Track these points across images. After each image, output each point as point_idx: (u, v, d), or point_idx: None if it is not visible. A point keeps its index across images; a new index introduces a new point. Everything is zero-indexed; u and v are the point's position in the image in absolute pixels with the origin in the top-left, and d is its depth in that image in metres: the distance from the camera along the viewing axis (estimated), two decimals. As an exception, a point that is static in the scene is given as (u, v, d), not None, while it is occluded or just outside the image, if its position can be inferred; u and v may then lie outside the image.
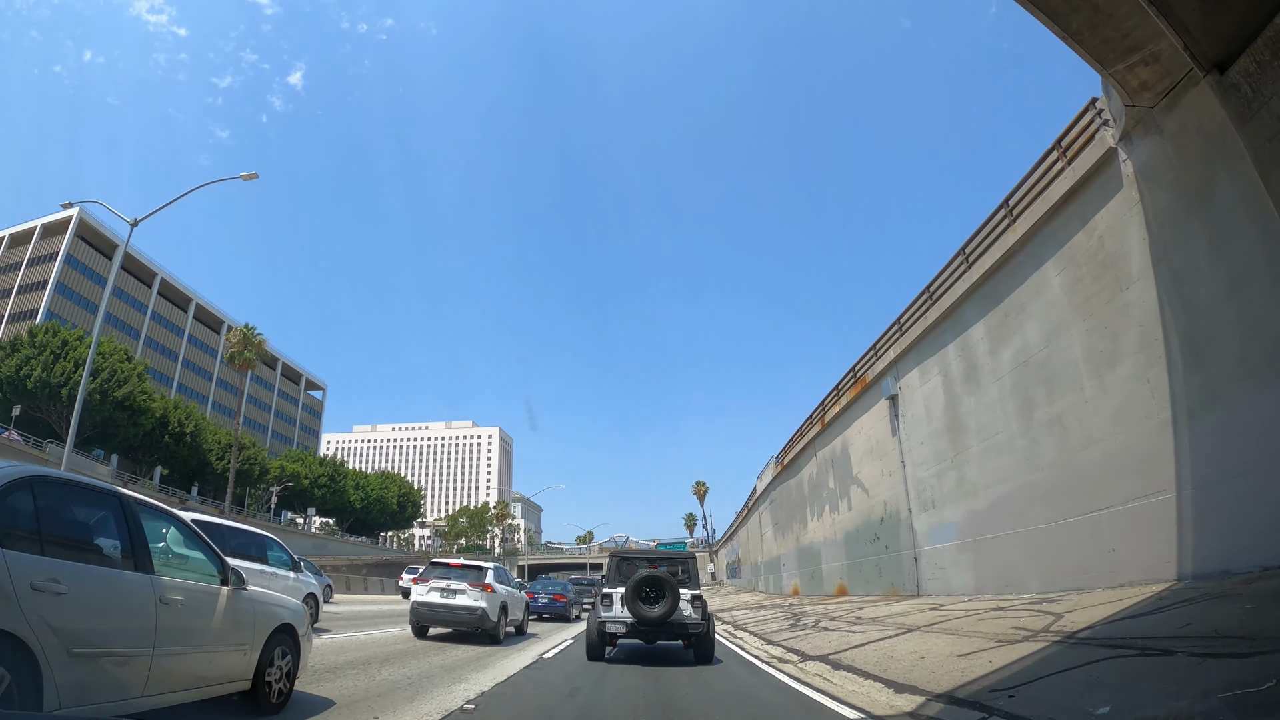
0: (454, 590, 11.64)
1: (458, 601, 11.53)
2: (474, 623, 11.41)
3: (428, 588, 11.83)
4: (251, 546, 11.03)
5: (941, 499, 14.58)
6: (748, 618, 18.35)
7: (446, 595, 11.62)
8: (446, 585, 11.70)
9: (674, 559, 10.87)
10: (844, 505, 20.65)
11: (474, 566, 12.43)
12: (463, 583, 11.73)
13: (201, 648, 4.02)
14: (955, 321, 14.18)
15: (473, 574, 12.06)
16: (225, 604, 4.32)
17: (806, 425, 24.99)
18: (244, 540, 10.90)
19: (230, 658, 4.31)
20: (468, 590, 11.60)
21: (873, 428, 18.40)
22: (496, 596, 11.90)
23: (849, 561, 20.14)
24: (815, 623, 12.63)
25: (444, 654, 9.61)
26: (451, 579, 11.82)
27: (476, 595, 11.53)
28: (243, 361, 43.54)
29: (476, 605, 11.41)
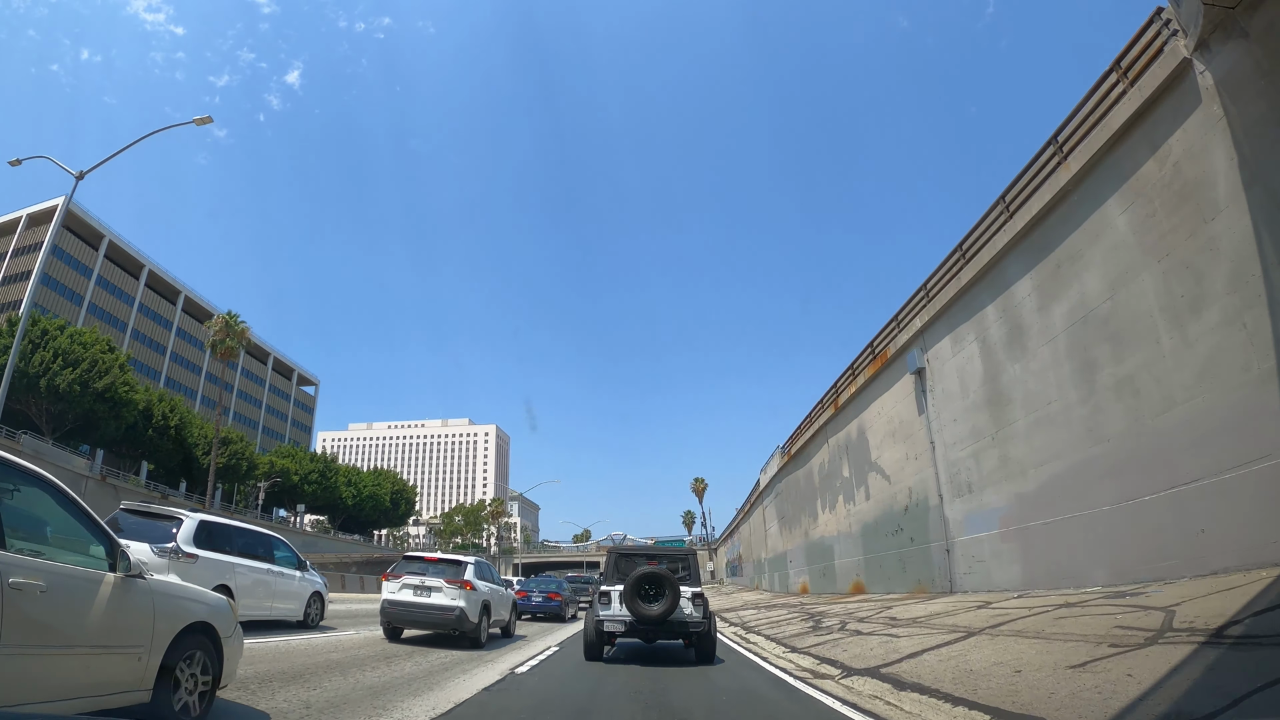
0: (428, 588, 10.39)
1: (433, 600, 10.29)
2: (451, 624, 10.19)
3: (399, 584, 10.56)
4: (259, 546, 11.08)
5: (980, 482, 12.89)
6: (758, 619, 16.62)
7: (420, 593, 10.39)
8: (420, 582, 10.46)
9: (674, 556, 10.43)
10: (860, 495, 18.94)
11: (451, 561, 11.24)
12: (438, 579, 10.48)
13: (73, 648, 3.29)
14: (995, 279, 12.55)
15: (450, 569, 10.82)
16: (111, 595, 3.54)
17: (816, 411, 23.28)
18: (251, 539, 10.99)
19: (116, 662, 3.53)
20: (444, 588, 10.35)
21: (894, 407, 16.69)
22: (477, 595, 10.65)
23: (866, 556, 18.42)
24: (841, 625, 10.92)
25: (412, 661, 8.31)
26: (426, 575, 10.59)
27: (454, 593, 10.29)
28: (225, 350, 41.78)
29: (453, 604, 10.17)
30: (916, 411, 15.56)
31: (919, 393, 15.39)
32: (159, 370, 72.94)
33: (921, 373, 15.28)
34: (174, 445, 56.89)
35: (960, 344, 13.78)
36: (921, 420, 15.30)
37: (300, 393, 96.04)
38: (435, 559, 11.47)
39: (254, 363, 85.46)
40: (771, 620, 14.97)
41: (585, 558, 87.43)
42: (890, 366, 16.88)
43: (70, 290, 65.75)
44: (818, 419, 22.91)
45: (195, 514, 9.95)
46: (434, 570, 10.78)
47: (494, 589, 11.95)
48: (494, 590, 11.91)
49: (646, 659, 9.37)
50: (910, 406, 15.86)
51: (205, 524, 9.80)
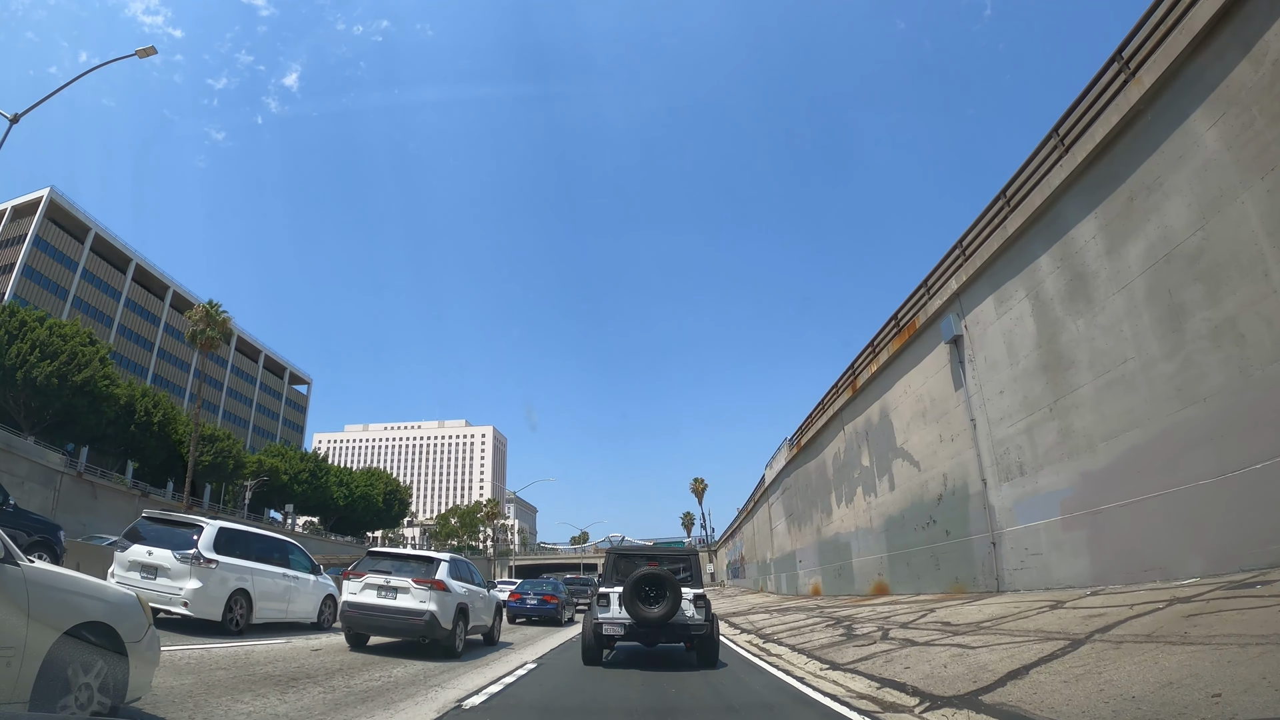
0: (394, 588, 9.15)
1: (399, 603, 9.06)
2: (420, 631, 8.97)
3: (361, 584, 9.32)
4: (275, 551, 11.19)
5: (1034, 462, 11.07)
6: (773, 624, 14.73)
7: (385, 594, 9.16)
8: (385, 581, 9.22)
9: (675, 556, 10.10)
10: (883, 485, 17.06)
11: (421, 558, 10.15)
12: (405, 578, 9.24)
13: None
14: (1049, 224, 10.92)
15: (419, 567, 9.62)
16: None
17: (830, 396, 21.42)
18: (267, 545, 11.16)
19: None
20: (412, 589, 9.10)
21: (925, 384, 14.84)
22: (451, 597, 9.40)
23: (890, 553, 16.54)
24: (882, 632, 9.04)
25: (363, 674, 7.12)
26: (392, 573, 9.36)
27: (423, 595, 9.06)
28: (205, 340, 39.92)
29: (422, 608, 8.96)
30: (952, 386, 13.72)
31: (955, 364, 13.55)
32: (146, 367, 71.07)
33: (958, 341, 13.45)
34: (158, 442, 55.02)
35: (1006, 303, 11.99)
36: (958, 396, 13.46)
37: (293, 392, 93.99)
38: (403, 555, 10.21)
39: (245, 360, 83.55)
40: (790, 626, 13.07)
41: (582, 559, 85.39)
42: (919, 338, 15.05)
43: (54, 284, 63.95)
44: (832, 404, 21.05)
45: (215, 521, 10.21)
46: (401, 568, 9.51)
47: (473, 590, 10.65)
48: (472, 592, 10.58)
49: (646, 665, 8.80)
50: (944, 381, 14.02)
51: (225, 530, 10.06)
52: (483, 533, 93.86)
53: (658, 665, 8.84)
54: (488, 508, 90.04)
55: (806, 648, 9.21)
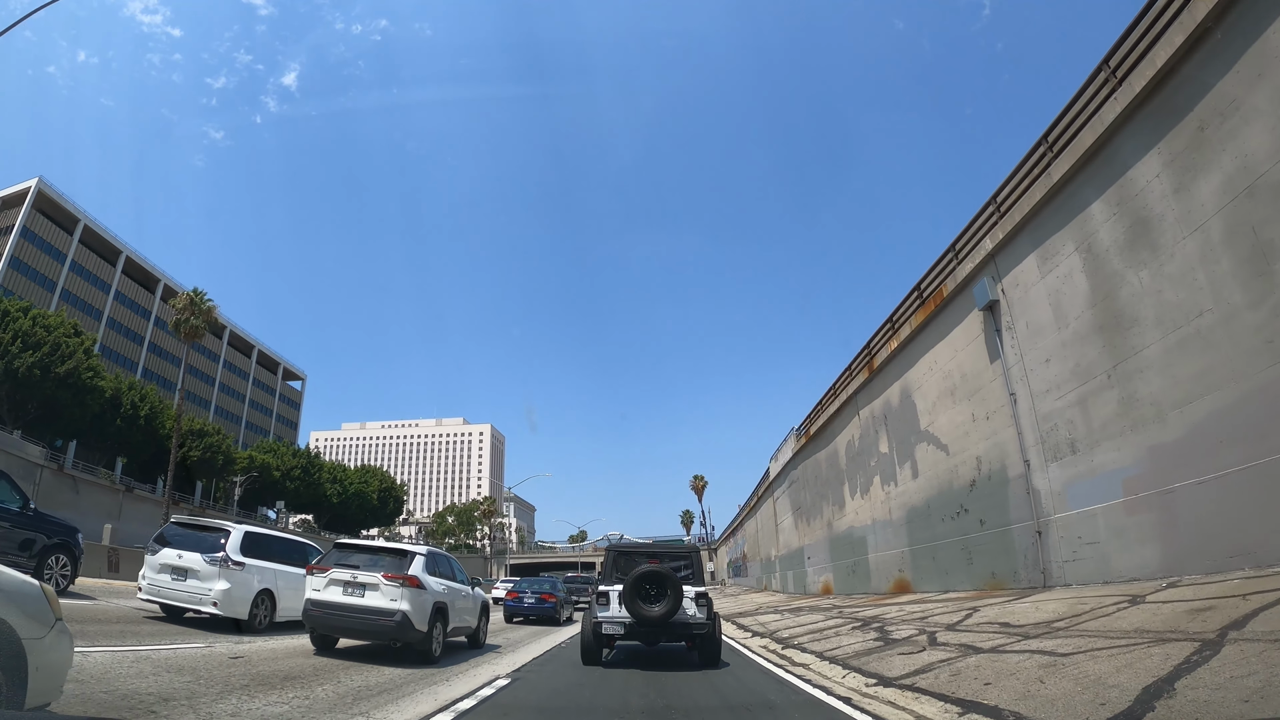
0: (361, 585, 8.19)
1: (367, 601, 8.11)
2: (390, 633, 8.02)
3: (326, 580, 8.33)
4: (295, 553, 11.29)
5: (1090, 437, 9.70)
6: (789, 626, 13.30)
7: (351, 592, 8.20)
8: (351, 577, 8.26)
9: (676, 553, 9.86)
10: (904, 473, 15.65)
11: (394, 551, 9.04)
12: (374, 574, 8.29)
13: None
14: (1102, 166, 9.72)
15: (391, 561, 8.63)
16: None
17: (843, 379, 20.00)
18: (289, 547, 11.42)
19: None
20: (382, 585, 8.14)
21: (954, 358, 13.43)
22: (425, 595, 8.40)
23: (913, 547, 15.11)
24: (927, 636, 7.62)
25: (311, 686, 5.96)
26: (360, 568, 8.41)
27: (394, 592, 8.10)
28: (189, 329, 38.46)
29: (393, 608, 7.99)
30: (987, 359, 12.31)
31: (990, 333, 12.14)
32: (136, 361, 69.65)
33: (994, 307, 12.05)
34: (145, 437, 53.57)
35: (1052, 260, 10.62)
36: (994, 369, 12.05)
37: (286, 388, 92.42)
38: (373, 547, 9.21)
39: (238, 355, 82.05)
40: (810, 629, 11.61)
41: (580, 558, 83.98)
42: (947, 308, 13.64)
43: (42, 275, 62.55)
44: (844, 388, 19.63)
45: (240, 526, 10.65)
46: (370, 562, 8.54)
47: (453, 588, 9.66)
48: (452, 590, 9.59)
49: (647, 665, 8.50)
50: (977, 353, 12.61)
51: (250, 534, 10.46)
52: (480, 531, 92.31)
53: (660, 666, 8.43)
54: (485, 505, 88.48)
55: (838, 656, 7.72)
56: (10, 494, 9.87)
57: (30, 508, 10.16)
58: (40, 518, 10.34)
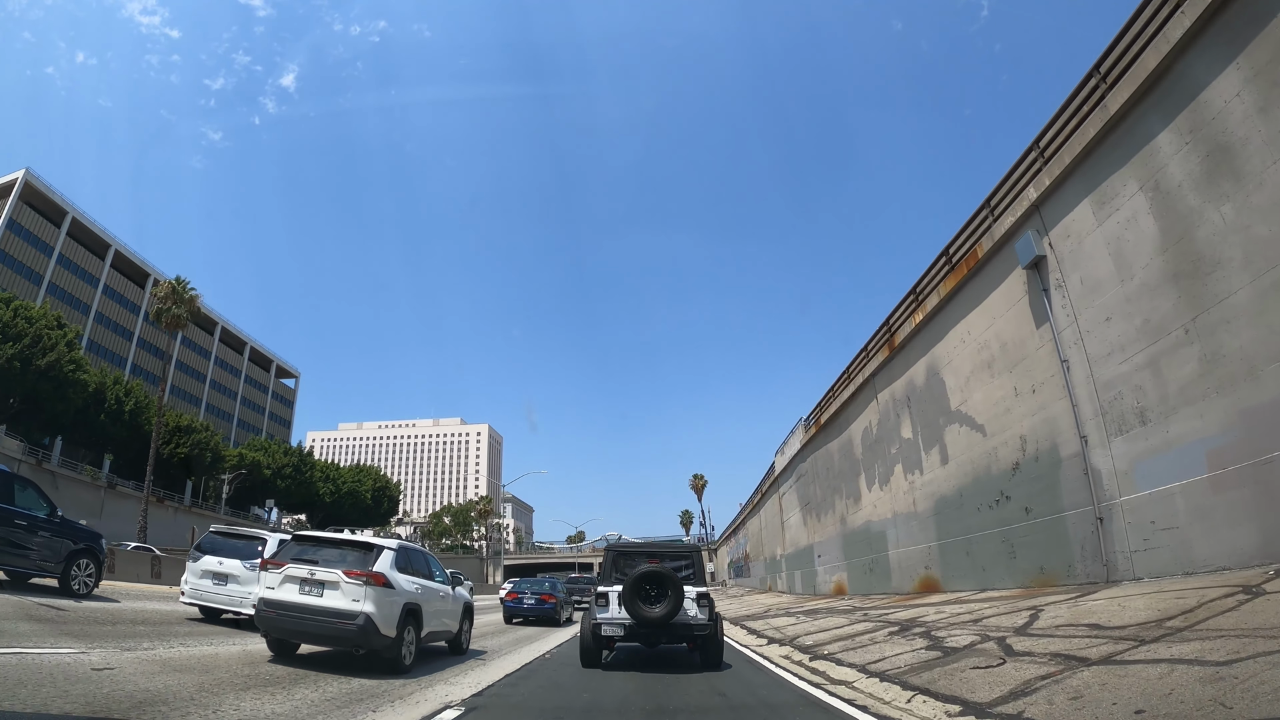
0: (320, 582, 7.15)
1: (325, 601, 7.04)
2: (352, 638, 6.93)
3: (280, 576, 7.30)
4: None
5: (1164, 404, 8.23)
6: (808, 631, 11.77)
7: (308, 591, 7.15)
8: (309, 574, 7.22)
9: (677, 553, 9.66)
10: (932, 459, 14.13)
11: (358, 544, 7.94)
12: (334, 570, 7.23)
13: None
14: (1168, 91, 8.43)
15: (354, 556, 7.58)
16: None
17: (858, 361, 18.48)
18: None
19: None
20: (342, 584, 7.08)
21: (991, 326, 11.93)
22: (395, 595, 7.41)
23: (942, 541, 13.58)
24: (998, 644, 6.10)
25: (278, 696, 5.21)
26: (319, 563, 7.36)
27: (357, 592, 7.03)
28: (170, 319, 36.95)
29: (355, 609, 6.94)
30: (1032, 323, 10.81)
31: (1036, 294, 10.65)
32: (125, 357, 68.17)
33: (1040, 264, 10.57)
34: (130, 433, 52.04)
35: (1111, 204, 9.21)
36: (1041, 334, 10.56)
37: (280, 385, 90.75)
38: (334, 540, 8.16)
39: (229, 352, 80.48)
40: (836, 635, 10.01)
41: (578, 559, 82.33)
42: (982, 271, 12.15)
43: (28, 268, 61.07)
44: (860, 371, 18.11)
45: (275, 534, 11.00)
46: (331, 557, 7.49)
47: (429, 588, 8.66)
48: (428, 590, 8.58)
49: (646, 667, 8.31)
50: (1019, 319, 11.11)
51: (284, 542, 10.64)
52: (476, 531, 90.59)
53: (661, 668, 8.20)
54: (481, 505, 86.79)
55: (888, 671, 6.15)
56: (38, 502, 10.18)
57: (57, 515, 10.43)
58: (67, 524, 10.58)
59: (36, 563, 9.80)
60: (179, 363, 73.32)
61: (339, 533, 9.34)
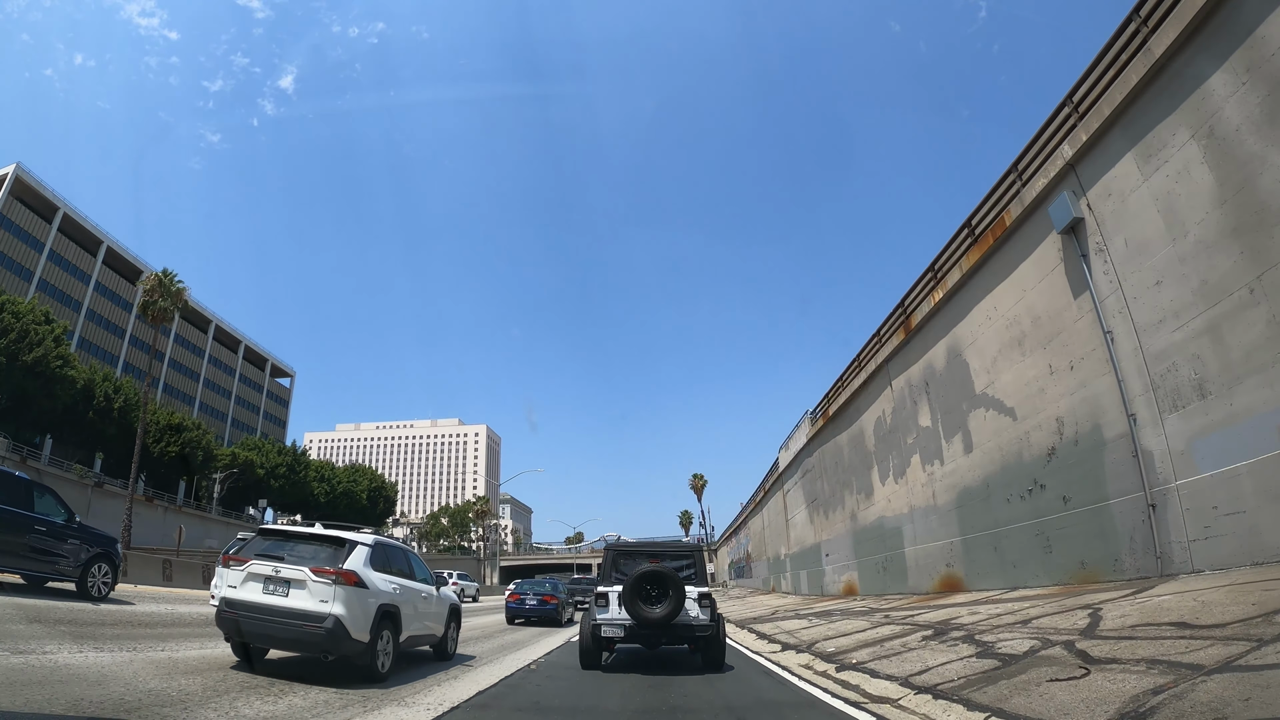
0: (285, 581, 6.52)
1: (291, 602, 6.39)
2: (320, 643, 6.28)
3: (244, 574, 6.66)
4: None
5: (1226, 373, 7.36)
6: (827, 636, 10.80)
7: (273, 590, 6.51)
8: (273, 571, 6.59)
9: (678, 552, 9.42)
10: (953, 448, 13.17)
11: (327, 539, 7.16)
12: (301, 567, 6.56)
13: None
14: (1220, 27, 7.61)
15: (323, 551, 6.89)
16: None
17: (870, 347, 17.53)
18: None
19: None
20: (310, 583, 6.44)
21: (1021, 300, 10.99)
22: (368, 595, 6.75)
23: (966, 536, 12.62)
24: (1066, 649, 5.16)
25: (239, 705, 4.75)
26: (285, 559, 6.72)
27: (325, 592, 6.40)
28: (156, 312, 35.93)
29: (322, 611, 6.30)
30: (1070, 293, 9.88)
31: (1074, 260, 9.72)
32: (117, 355, 67.21)
33: (1077, 228, 9.65)
34: (119, 430, 50.97)
35: (1158, 155, 8.33)
36: (1081, 303, 9.62)
37: (274, 384, 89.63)
38: (302, 534, 7.36)
39: (224, 350, 79.46)
40: (861, 640, 8.96)
41: (576, 559, 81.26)
42: (1010, 240, 11.22)
43: (18, 264, 60.09)
44: (872, 358, 17.16)
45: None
46: (297, 552, 6.82)
47: (409, 588, 7.91)
48: (408, 590, 7.83)
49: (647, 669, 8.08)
50: (1055, 288, 10.17)
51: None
52: (474, 532, 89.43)
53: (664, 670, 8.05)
54: (478, 505, 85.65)
55: (940, 685, 5.09)
56: (56, 508, 10.27)
57: (75, 521, 10.54)
58: (84, 529, 10.69)
59: (56, 567, 9.94)
60: (172, 361, 72.36)
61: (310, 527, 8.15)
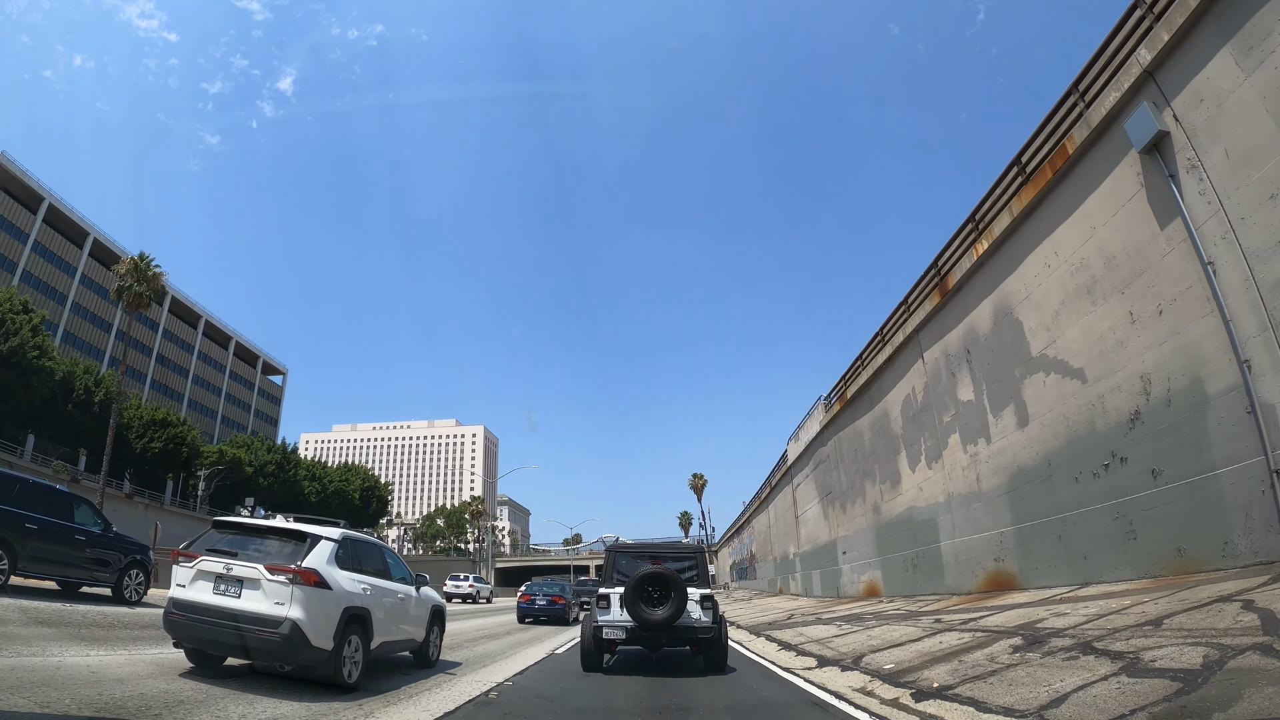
0: (238, 579, 5.70)
1: (243, 604, 5.56)
2: (275, 650, 5.44)
3: (193, 571, 5.83)
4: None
5: None
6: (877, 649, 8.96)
7: (224, 590, 5.68)
8: (225, 569, 5.75)
9: (680, 554, 9.46)
10: (1003, 422, 11.41)
11: (286, 533, 6.27)
12: (255, 565, 5.72)
13: None
14: None
15: (280, 547, 6.04)
16: None
17: (896, 318, 15.76)
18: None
19: None
20: (264, 582, 5.61)
21: (1090, 239, 9.25)
22: (331, 597, 5.88)
23: (1021, 525, 10.84)
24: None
25: None
26: (238, 557, 5.85)
27: (280, 593, 5.56)
28: (132, 297, 34.27)
29: (278, 615, 5.46)
30: (1155, 223, 8.15)
31: (1159, 183, 8.00)
32: (103, 349, 65.57)
33: (1161, 144, 7.96)
34: (99, 425, 49.10)
35: (1261, 47, 6.88)
36: (1170, 233, 7.90)
37: (266, 382, 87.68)
38: (258, 528, 6.50)
39: (214, 347, 77.64)
40: (919, 651, 7.13)
41: (574, 561, 79.24)
42: (1075, 170, 9.50)
43: (1, 255, 58.52)
44: (897, 330, 15.40)
45: None
46: (252, 548, 6.02)
47: (380, 588, 6.99)
48: (379, 590, 6.91)
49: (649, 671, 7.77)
50: (1135, 220, 8.43)
51: None
52: (471, 533, 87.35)
53: None
54: (473, 505, 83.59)
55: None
56: (94, 519, 10.73)
57: (111, 530, 11.02)
58: (119, 538, 11.21)
59: (94, 574, 10.33)
60: (160, 356, 70.63)
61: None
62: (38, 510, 9.41)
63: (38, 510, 9.41)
